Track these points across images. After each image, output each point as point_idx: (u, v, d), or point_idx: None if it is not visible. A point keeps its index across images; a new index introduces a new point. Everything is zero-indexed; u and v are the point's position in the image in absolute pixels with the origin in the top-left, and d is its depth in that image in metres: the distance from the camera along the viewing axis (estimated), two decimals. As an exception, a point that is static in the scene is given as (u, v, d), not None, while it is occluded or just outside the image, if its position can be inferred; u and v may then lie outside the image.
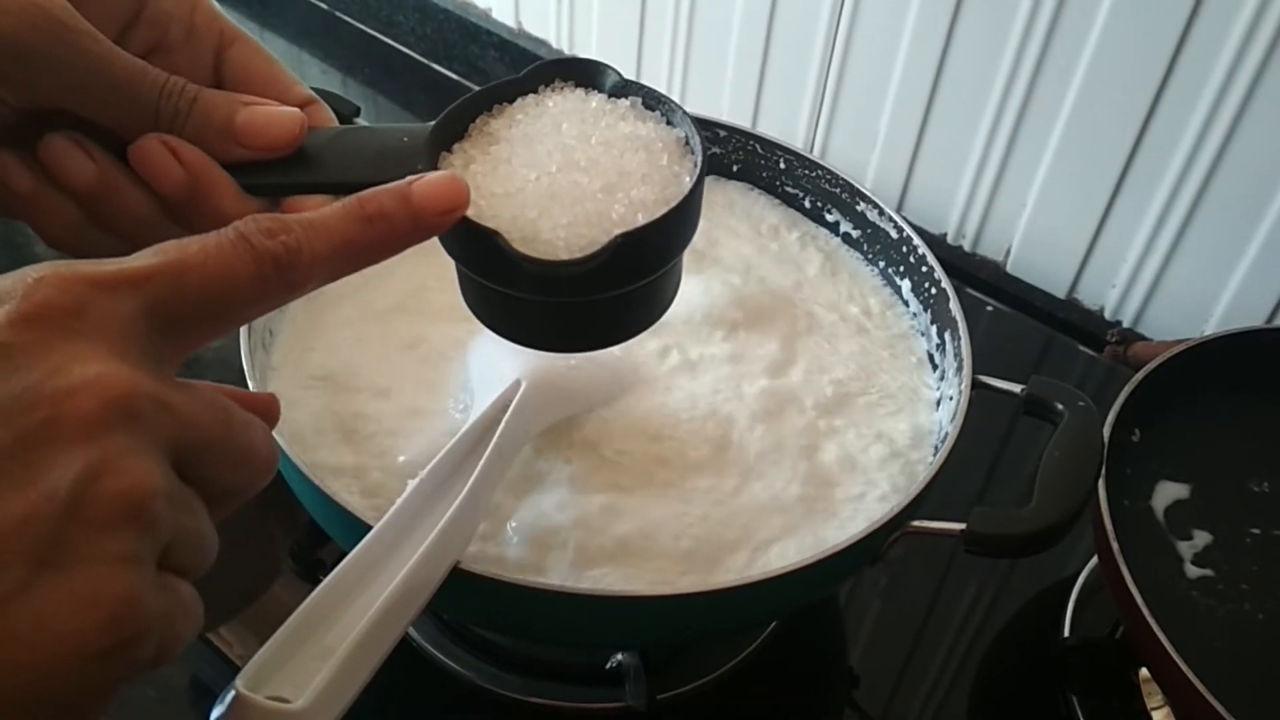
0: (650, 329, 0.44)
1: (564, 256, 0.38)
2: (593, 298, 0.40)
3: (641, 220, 0.38)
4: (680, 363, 0.61)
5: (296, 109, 0.39)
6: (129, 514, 0.25)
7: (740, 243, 0.71)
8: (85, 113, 0.36)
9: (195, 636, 0.28)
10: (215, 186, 0.38)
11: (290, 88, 0.41)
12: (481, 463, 0.48)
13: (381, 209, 0.32)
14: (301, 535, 0.68)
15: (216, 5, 0.41)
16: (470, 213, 0.37)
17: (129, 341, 0.27)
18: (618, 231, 0.38)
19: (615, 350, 0.59)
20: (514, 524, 0.53)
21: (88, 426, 0.25)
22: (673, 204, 0.39)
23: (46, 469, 0.24)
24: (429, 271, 0.64)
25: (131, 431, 0.26)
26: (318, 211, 0.31)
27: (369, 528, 0.45)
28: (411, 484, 0.46)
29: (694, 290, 0.65)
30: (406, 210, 0.32)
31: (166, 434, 0.27)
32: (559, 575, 0.51)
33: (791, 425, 0.59)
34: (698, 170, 0.41)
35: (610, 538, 0.52)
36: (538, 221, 0.38)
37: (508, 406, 0.52)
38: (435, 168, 0.39)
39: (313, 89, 0.65)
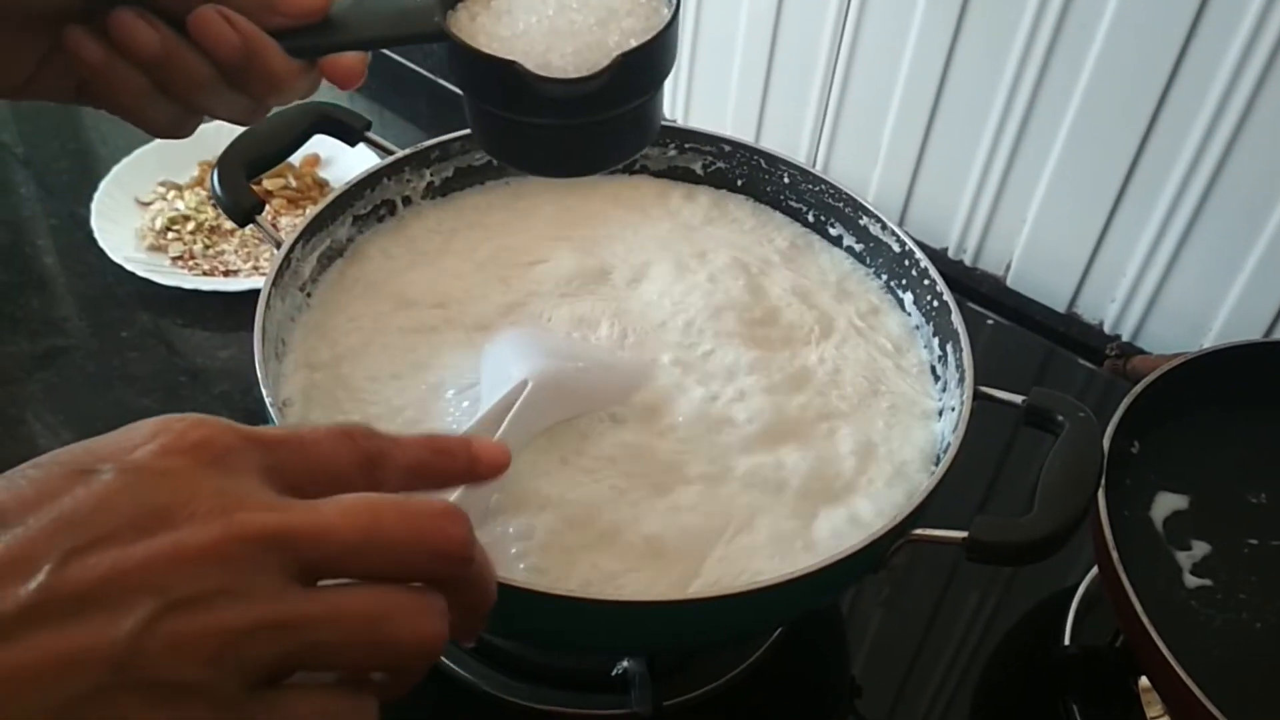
0: (653, 331, 0.45)
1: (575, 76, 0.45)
2: (596, 118, 0.47)
3: (634, 43, 0.46)
4: (683, 369, 0.62)
5: None
6: (210, 654, 0.27)
7: (742, 254, 0.71)
8: None
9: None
10: (265, 49, 0.43)
11: None
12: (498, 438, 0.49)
13: (448, 447, 0.36)
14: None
15: None
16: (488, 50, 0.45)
17: (263, 487, 0.30)
18: (617, 53, 0.45)
19: (623, 353, 0.61)
20: (511, 529, 0.53)
21: (204, 551, 0.27)
22: (658, 30, 0.47)
23: (148, 591, 0.27)
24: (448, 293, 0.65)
25: (242, 567, 0.28)
26: (404, 436, 0.34)
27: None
28: None
29: (695, 298, 0.66)
30: (466, 454, 0.36)
31: (295, 561, 0.29)
32: (557, 575, 0.52)
33: (792, 432, 0.60)
34: (674, 3, 0.48)
35: (600, 533, 0.53)
36: (547, 54, 0.46)
37: (512, 405, 0.53)
38: (446, 24, 0.46)
39: (322, 103, 0.66)
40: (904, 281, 0.69)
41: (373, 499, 0.30)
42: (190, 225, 0.92)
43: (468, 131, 0.72)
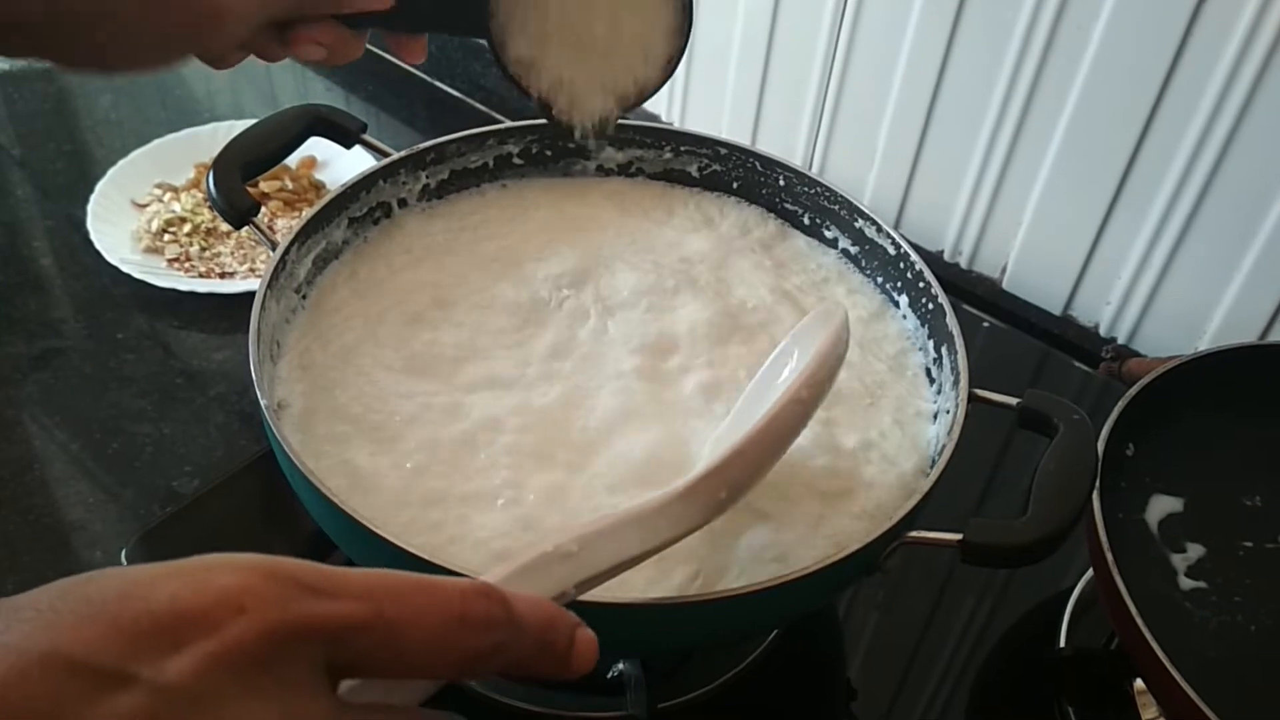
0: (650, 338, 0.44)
1: None
2: None
3: None
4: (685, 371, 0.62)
5: None
6: None
7: (739, 256, 0.71)
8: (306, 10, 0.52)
9: None
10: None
11: None
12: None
13: (556, 644, 0.33)
14: (303, 544, 0.69)
15: None
16: None
17: (318, 695, 0.28)
18: None
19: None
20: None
21: None
22: None
23: None
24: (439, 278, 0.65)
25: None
26: (525, 615, 0.32)
27: (376, 534, 0.45)
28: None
29: (689, 301, 0.66)
30: (566, 651, 0.33)
31: None
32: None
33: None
34: None
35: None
36: None
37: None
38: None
39: (318, 105, 0.67)
40: (899, 284, 0.69)
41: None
42: (186, 227, 0.92)
43: (463, 134, 0.73)
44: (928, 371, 0.66)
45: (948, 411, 0.60)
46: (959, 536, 0.51)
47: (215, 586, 0.27)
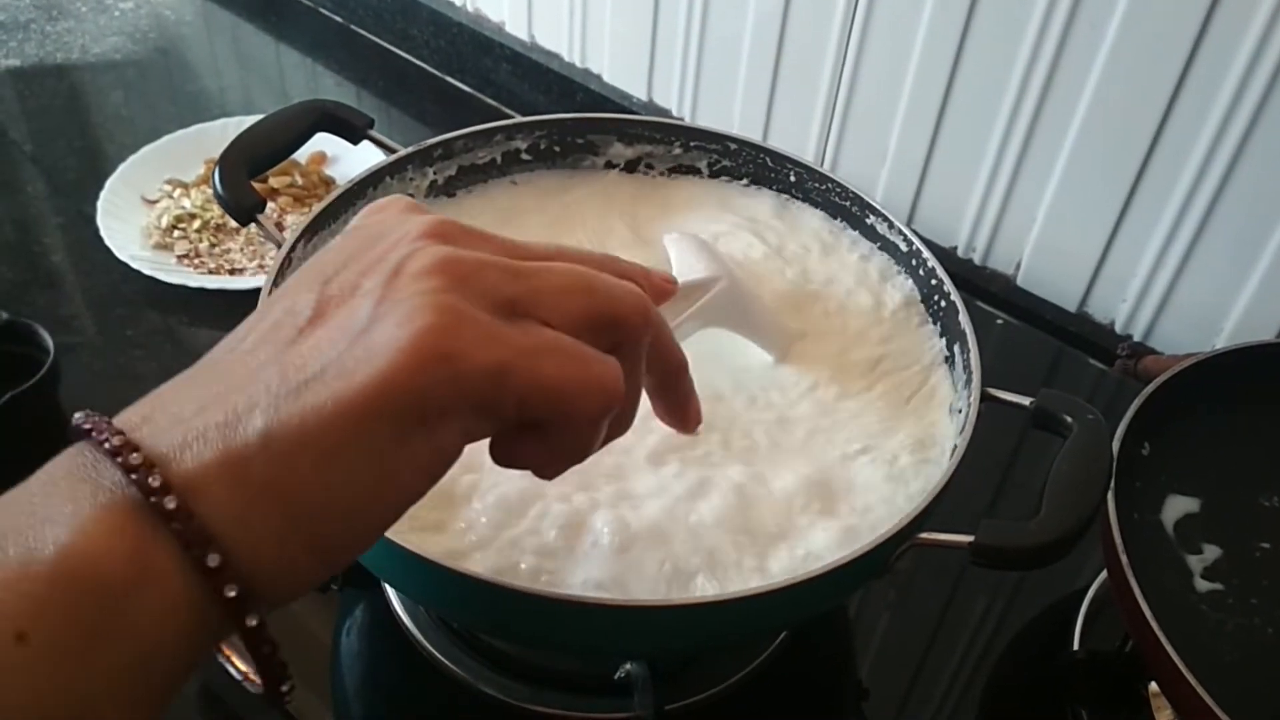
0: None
1: None
2: None
3: None
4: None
5: None
6: (437, 268, 0.32)
7: (749, 248, 0.71)
8: None
9: (585, 385, 0.33)
10: None
11: None
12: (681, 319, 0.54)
13: (644, 306, 0.38)
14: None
15: None
16: None
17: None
18: None
19: (788, 323, 0.65)
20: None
21: (416, 235, 0.34)
22: None
23: (380, 255, 0.33)
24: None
25: (448, 239, 0.34)
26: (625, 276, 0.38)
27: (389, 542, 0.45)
28: None
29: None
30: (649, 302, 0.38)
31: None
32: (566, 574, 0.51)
33: (792, 435, 0.59)
34: None
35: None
36: None
37: (702, 294, 0.57)
38: None
39: (324, 100, 0.67)
40: (912, 281, 0.68)
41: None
42: (196, 223, 0.92)
43: (470, 130, 0.72)
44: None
45: (960, 410, 0.60)
46: (970, 538, 0.50)
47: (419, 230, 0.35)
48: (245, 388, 0.30)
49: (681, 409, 0.43)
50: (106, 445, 0.29)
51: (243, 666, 0.52)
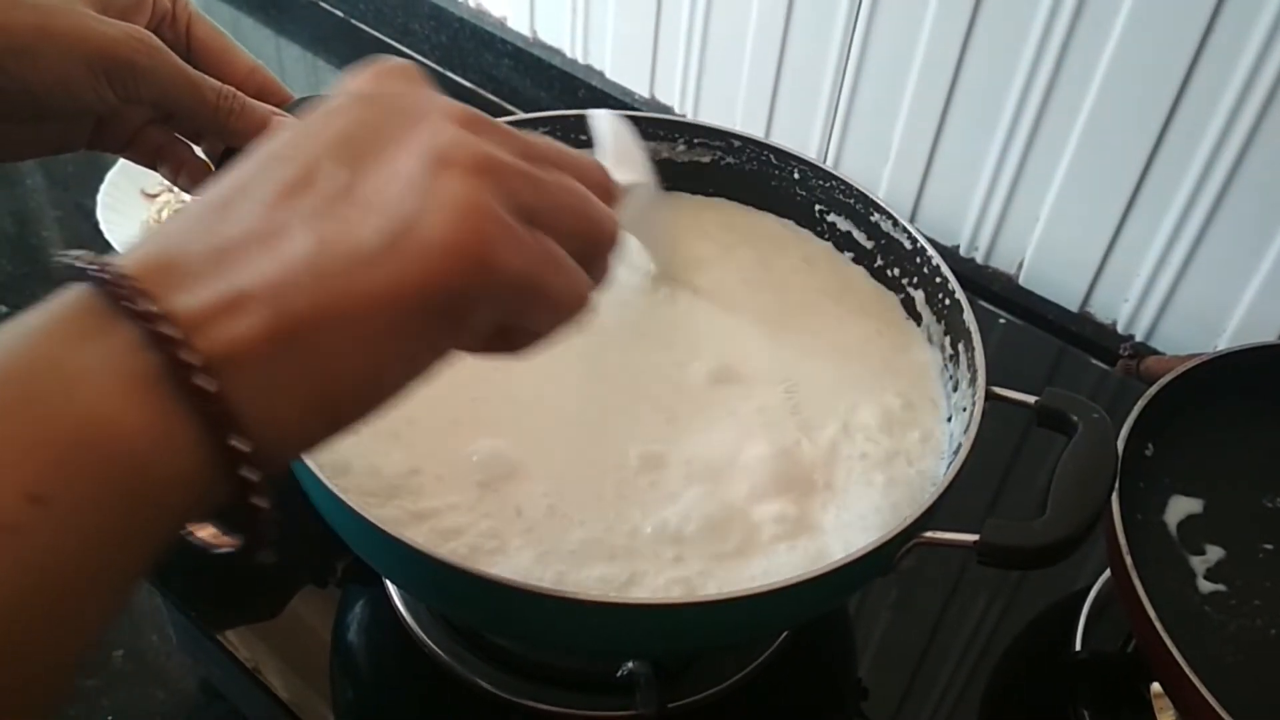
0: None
1: None
2: None
3: None
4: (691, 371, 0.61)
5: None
6: (480, 167, 0.32)
7: (748, 251, 0.71)
8: (169, 108, 0.53)
9: (572, 300, 0.35)
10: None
11: (239, 58, 0.58)
12: None
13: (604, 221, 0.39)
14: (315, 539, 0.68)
15: None
16: None
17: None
18: None
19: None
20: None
21: (449, 120, 0.34)
22: None
23: (417, 139, 0.33)
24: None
25: (478, 132, 0.34)
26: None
27: (387, 535, 0.45)
28: None
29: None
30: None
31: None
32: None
33: (790, 434, 0.59)
34: None
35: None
36: None
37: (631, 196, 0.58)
38: None
39: (323, 97, 0.67)
40: (915, 279, 0.68)
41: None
42: (196, 218, 0.91)
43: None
44: (943, 368, 0.65)
45: (964, 409, 0.60)
46: (975, 537, 0.50)
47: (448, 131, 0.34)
48: (276, 252, 0.29)
49: None
50: (128, 306, 0.28)
51: (200, 533, 0.51)
